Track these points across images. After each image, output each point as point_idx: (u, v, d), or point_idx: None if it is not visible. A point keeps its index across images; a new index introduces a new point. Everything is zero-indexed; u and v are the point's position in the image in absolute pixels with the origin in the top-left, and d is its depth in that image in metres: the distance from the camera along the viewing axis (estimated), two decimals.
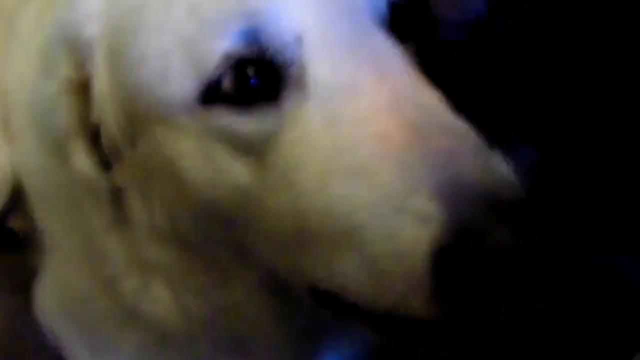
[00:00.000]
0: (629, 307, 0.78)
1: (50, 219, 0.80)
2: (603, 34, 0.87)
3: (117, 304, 0.71)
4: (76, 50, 0.62)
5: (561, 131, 0.87)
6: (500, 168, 0.49)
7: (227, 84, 0.55)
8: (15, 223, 1.08)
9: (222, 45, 0.54)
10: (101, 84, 0.61)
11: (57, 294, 0.85)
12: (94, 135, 0.64)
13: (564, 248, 0.98)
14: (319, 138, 0.53)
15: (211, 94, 0.55)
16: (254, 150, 0.55)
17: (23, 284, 0.98)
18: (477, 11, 1.19)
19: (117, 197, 0.65)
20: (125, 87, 0.60)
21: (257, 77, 0.55)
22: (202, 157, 0.57)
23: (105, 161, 0.65)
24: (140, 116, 0.60)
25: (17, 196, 1.05)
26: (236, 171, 0.56)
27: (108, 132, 0.63)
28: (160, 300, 0.69)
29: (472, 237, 0.46)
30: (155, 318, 0.70)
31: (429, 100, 0.53)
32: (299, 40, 0.54)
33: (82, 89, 0.63)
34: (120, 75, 0.60)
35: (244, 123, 0.55)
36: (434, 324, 0.50)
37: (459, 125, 0.52)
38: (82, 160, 0.64)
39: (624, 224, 0.84)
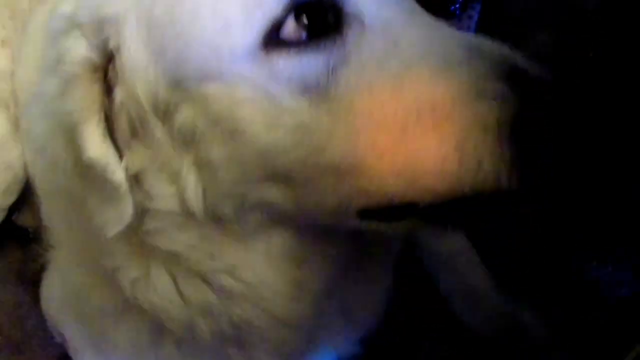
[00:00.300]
0: (609, 313, 0.78)
1: (54, 217, 0.82)
2: (603, 34, 0.87)
3: (114, 297, 0.72)
4: (96, 30, 0.62)
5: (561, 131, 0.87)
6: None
7: (289, 25, 0.58)
8: (25, 220, 1.11)
9: None
10: (134, 55, 0.62)
11: (60, 288, 0.87)
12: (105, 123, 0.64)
13: (564, 251, 0.98)
14: (388, 57, 0.58)
15: (273, 37, 0.58)
16: (316, 86, 0.58)
17: (32, 278, 1.01)
18: None
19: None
20: (173, 51, 0.61)
21: (316, 17, 0.59)
22: (262, 101, 0.59)
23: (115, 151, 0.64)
24: (188, 79, 0.61)
25: (27, 194, 1.07)
26: (297, 109, 0.59)
27: (130, 113, 0.63)
28: (160, 288, 0.69)
29: (540, 109, 0.55)
30: (154, 307, 0.70)
31: (453, 29, 0.61)
32: None
33: (100, 70, 0.63)
34: (164, 42, 0.61)
35: (309, 61, 0.58)
36: (514, 195, 0.56)
37: (487, 38, 0.60)
38: (97, 146, 0.63)
39: (612, 233, 0.85)
